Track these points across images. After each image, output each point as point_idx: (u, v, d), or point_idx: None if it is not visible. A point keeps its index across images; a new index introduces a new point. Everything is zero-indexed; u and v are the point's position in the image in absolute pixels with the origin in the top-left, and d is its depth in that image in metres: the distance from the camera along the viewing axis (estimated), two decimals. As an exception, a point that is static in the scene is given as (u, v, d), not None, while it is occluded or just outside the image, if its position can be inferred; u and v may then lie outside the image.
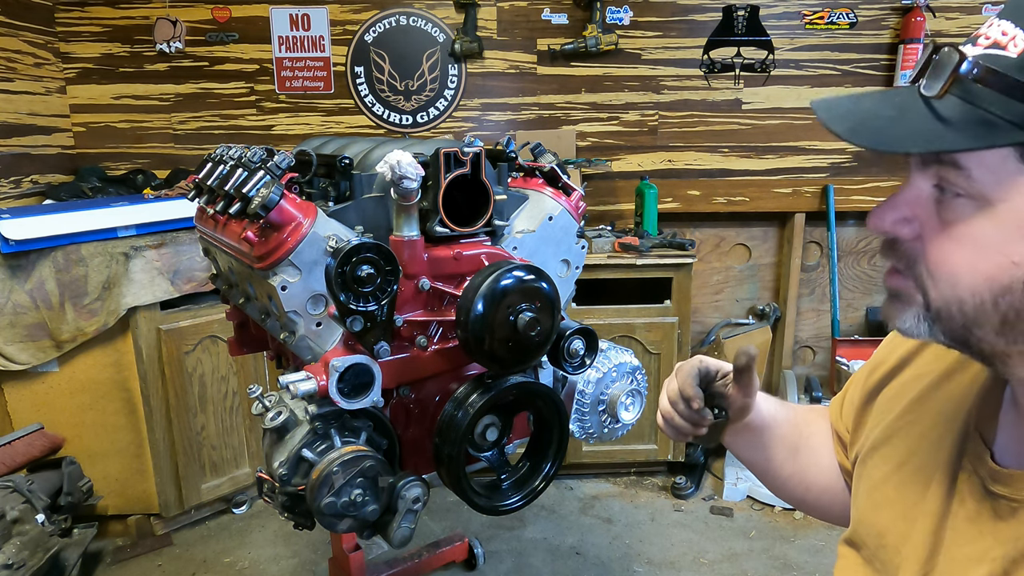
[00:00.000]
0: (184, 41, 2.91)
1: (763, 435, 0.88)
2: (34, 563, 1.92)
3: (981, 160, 0.48)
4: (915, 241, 0.54)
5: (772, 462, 0.90)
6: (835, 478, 0.87)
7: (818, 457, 0.88)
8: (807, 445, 0.89)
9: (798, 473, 0.89)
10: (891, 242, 0.56)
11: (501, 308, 1.13)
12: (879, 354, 0.80)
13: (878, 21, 2.91)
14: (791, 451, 0.89)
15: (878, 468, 0.71)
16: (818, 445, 0.89)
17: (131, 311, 2.24)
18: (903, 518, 0.66)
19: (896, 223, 0.55)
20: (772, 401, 0.90)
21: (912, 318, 0.55)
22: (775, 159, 3.04)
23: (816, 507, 0.90)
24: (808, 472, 0.88)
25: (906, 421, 0.70)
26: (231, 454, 2.57)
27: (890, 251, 0.57)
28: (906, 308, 0.56)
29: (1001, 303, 0.50)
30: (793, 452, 0.89)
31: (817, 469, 0.88)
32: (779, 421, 0.89)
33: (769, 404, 0.89)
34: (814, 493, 0.89)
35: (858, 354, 2.93)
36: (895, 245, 0.56)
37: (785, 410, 0.92)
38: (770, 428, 0.88)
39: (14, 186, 2.62)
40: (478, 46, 2.89)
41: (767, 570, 2.30)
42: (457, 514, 2.60)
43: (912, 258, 0.54)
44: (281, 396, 1.19)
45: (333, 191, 1.26)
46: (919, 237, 0.54)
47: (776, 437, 0.89)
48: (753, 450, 0.90)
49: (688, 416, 0.85)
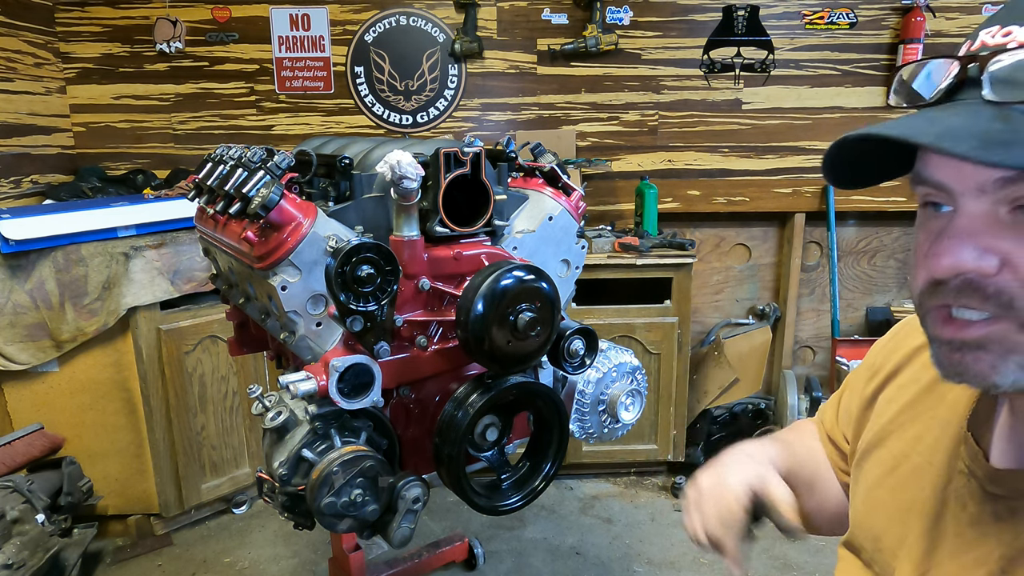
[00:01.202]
0: (184, 41, 2.91)
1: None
2: (34, 563, 1.92)
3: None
4: (1003, 275, 0.48)
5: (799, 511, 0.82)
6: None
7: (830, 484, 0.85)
8: (818, 476, 0.86)
9: (818, 507, 0.85)
10: (966, 283, 0.49)
11: (501, 308, 1.13)
12: (875, 360, 0.78)
13: (878, 21, 2.91)
14: (808, 489, 0.84)
15: (873, 470, 0.71)
16: (826, 472, 0.86)
17: (131, 311, 2.24)
18: (898, 521, 0.66)
19: (979, 257, 0.48)
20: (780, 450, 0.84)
21: (1014, 365, 0.48)
22: (775, 159, 3.04)
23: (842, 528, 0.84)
24: (828, 502, 0.85)
25: (900, 423, 0.70)
26: (231, 454, 2.57)
27: (966, 294, 0.49)
28: (1006, 356, 0.49)
29: None
30: (809, 489, 0.84)
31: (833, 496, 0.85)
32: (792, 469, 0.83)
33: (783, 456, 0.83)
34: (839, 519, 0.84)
35: (858, 354, 2.93)
36: (973, 285, 0.48)
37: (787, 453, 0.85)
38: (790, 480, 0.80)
39: (14, 186, 2.62)
40: (478, 46, 2.89)
41: (767, 570, 2.30)
42: (457, 514, 2.60)
43: (1007, 294, 0.47)
44: (281, 396, 1.19)
45: (333, 191, 1.26)
46: (1004, 269, 0.48)
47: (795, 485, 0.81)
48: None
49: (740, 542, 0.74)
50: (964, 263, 0.48)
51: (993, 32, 0.49)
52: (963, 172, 0.49)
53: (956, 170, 0.49)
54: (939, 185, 0.51)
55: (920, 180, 0.53)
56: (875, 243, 3.14)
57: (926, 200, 0.54)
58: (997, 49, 0.48)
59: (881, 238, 3.14)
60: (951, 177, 0.50)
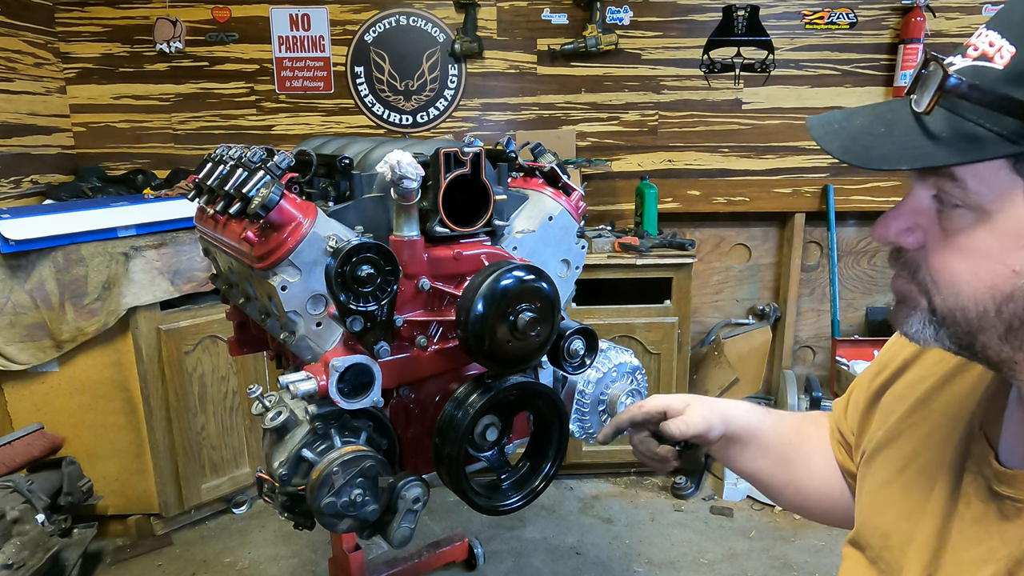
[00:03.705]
0: (184, 41, 2.91)
1: (748, 447, 0.90)
2: (34, 563, 1.92)
3: (975, 172, 0.49)
4: (919, 250, 0.55)
5: (762, 472, 0.91)
6: (832, 484, 0.87)
7: (810, 465, 0.89)
8: (799, 454, 0.90)
9: (793, 482, 0.90)
10: (896, 251, 0.57)
11: (501, 308, 1.13)
12: (883, 356, 0.80)
13: (878, 21, 2.91)
14: (782, 461, 0.90)
15: (882, 469, 0.71)
16: (810, 453, 0.90)
17: (131, 311, 2.24)
18: (907, 519, 0.66)
19: (900, 233, 0.56)
20: (757, 411, 0.92)
21: (918, 322, 0.56)
22: (775, 159, 3.04)
23: (816, 513, 0.91)
24: (802, 480, 0.89)
25: (910, 423, 0.70)
26: (231, 454, 2.57)
27: (895, 259, 0.58)
28: (912, 312, 0.56)
29: (1004, 311, 0.50)
30: (784, 461, 0.90)
31: (810, 476, 0.89)
32: (764, 431, 0.90)
33: (753, 415, 0.91)
34: (812, 500, 0.89)
35: (858, 354, 2.93)
36: (900, 254, 0.57)
37: (773, 419, 0.93)
38: (755, 439, 0.90)
39: (14, 186, 2.62)
40: (478, 46, 2.89)
41: (767, 570, 2.30)
42: (457, 514, 2.60)
43: (916, 266, 0.56)
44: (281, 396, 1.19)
45: (333, 191, 1.26)
46: (922, 246, 0.55)
47: (763, 447, 0.90)
48: (742, 462, 0.91)
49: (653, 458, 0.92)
50: (886, 235, 0.56)
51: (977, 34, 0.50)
52: None
53: None
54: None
55: None
56: (875, 243, 3.14)
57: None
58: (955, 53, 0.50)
59: (881, 238, 3.14)
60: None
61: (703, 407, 0.89)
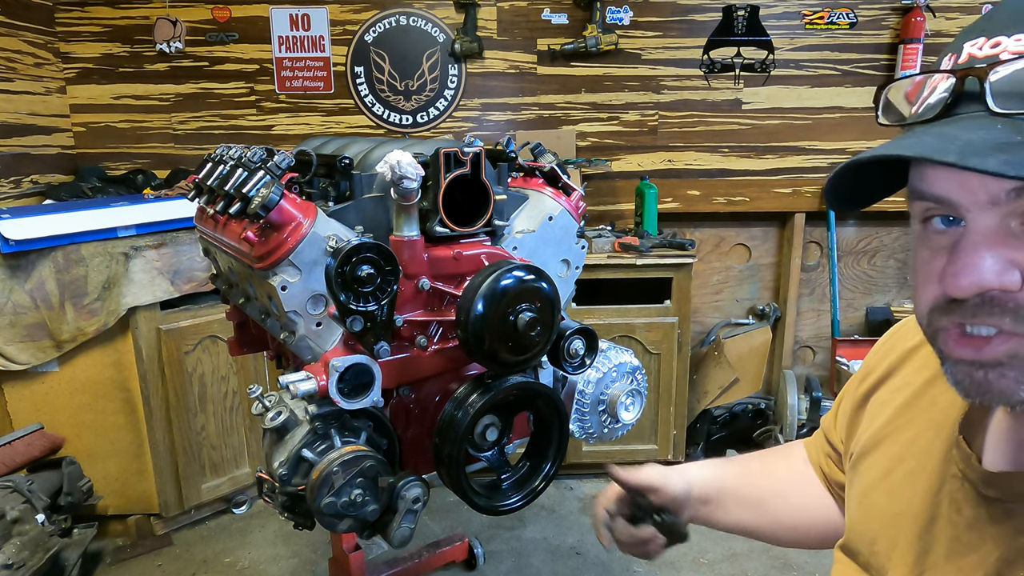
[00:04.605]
0: (184, 41, 2.91)
1: (721, 504, 0.89)
2: (34, 563, 1.92)
3: None
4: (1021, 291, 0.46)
5: (743, 522, 0.90)
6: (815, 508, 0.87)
7: (786, 499, 0.89)
8: (770, 493, 0.89)
9: (775, 522, 0.89)
10: (987, 300, 0.47)
11: (501, 308, 1.13)
12: (869, 362, 0.79)
13: (878, 21, 2.91)
14: (756, 505, 0.89)
15: (868, 474, 0.71)
16: (781, 487, 0.89)
17: (131, 311, 2.24)
18: (892, 524, 0.66)
19: (1001, 273, 0.46)
20: (718, 465, 0.91)
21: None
22: (775, 159, 3.04)
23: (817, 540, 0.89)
24: (784, 517, 0.88)
25: (895, 427, 0.70)
26: (231, 454, 2.57)
27: (985, 311, 0.48)
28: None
29: None
30: (758, 505, 0.89)
31: (789, 510, 0.88)
32: (728, 483, 0.89)
33: (715, 470, 0.90)
34: (803, 530, 0.89)
35: (858, 354, 2.93)
36: (995, 302, 0.47)
37: (735, 468, 0.92)
38: (723, 492, 0.89)
39: (14, 186, 2.62)
40: (478, 46, 2.89)
41: (767, 570, 2.30)
42: (457, 514, 2.60)
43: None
44: (281, 396, 1.19)
45: (333, 191, 1.26)
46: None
47: (733, 499, 0.89)
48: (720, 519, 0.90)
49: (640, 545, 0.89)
50: (988, 280, 0.46)
51: (979, 44, 0.48)
52: (969, 185, 0.47)
53: (960, 184, 0.47)
54: (941, 200, 0.49)
55: (919, 195, 0.51)
56: (875, 243, 3.15)
57: (926, 215, 0.52)
58: (992, 60, 0.47)
59: (881, 238, 3.14)
60: (955, 191, 0.48)
61: (659, 468, 0.88)
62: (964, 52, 0.49)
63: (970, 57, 0.49)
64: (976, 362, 0.49)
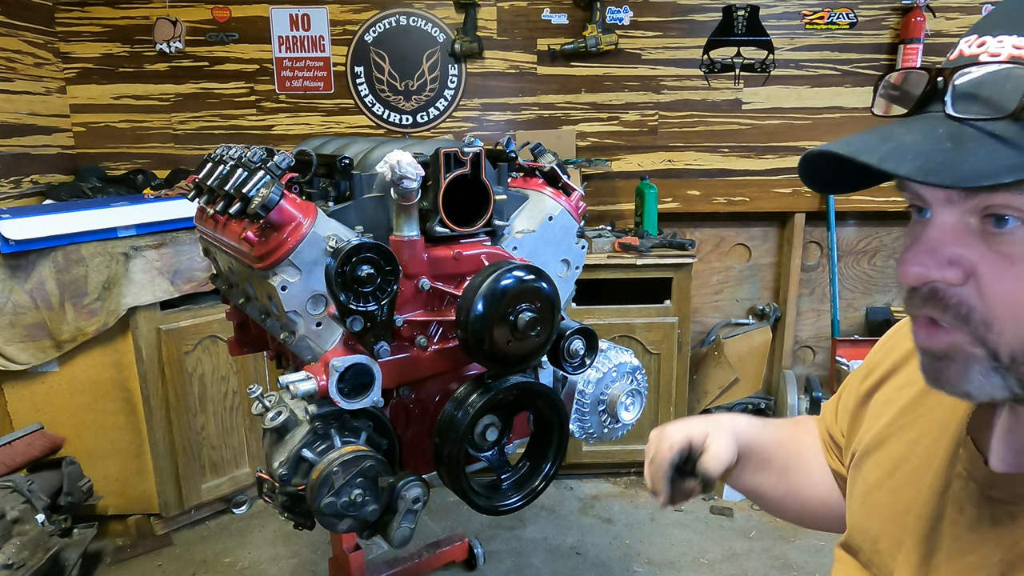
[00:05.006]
0: (184, 41, 2.91)
1: (749, 462, 0.88)
2: (34, 563, 1.92)
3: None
4: (964, 287, 0.48)
5: (763, 486, 0.89)
6: (828, 491, 0.87)
7: (810, 473, 0.88)
8: (797, 463, 0.89)
9: (791, 493, 0.88)
10: (932, 292, 0.49)
11: (501, 308, 1.13)
12: (872, 359, 0.79)
13: (878, 21, 2.91)
14: (781, 471, 0.88)
15: (871, 473, 0.71)
16: (808, 461, 0.89)
17: (131, 311, 2.24)
18: (896, 523, 0.65)
19: (943, 268, 0.48)
20: (755, 424, 0.89)
21: (979, 375, 0.49)
22: (775, 159, 3.04)
23: (814, 521, 0.89)
24: (801, 490, 0.88)
25: (899, 426, 0.70)
26: (231, 454, 2.57)
27: (931, 303, 0.50)
28: (968, 366, 0.49)
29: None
30: (783, 472, 0.88)
31: (810, 485, 0.88)
32: (763, 444, 0.88)
33: (752, 429, 0.88)
34: (810, 509, 0.88)
35: (858, 354, 2.93)
36: (938, 295, 0.49)
37: (770, 430, 0.90)
38: (756, 453, 0.87)
39: (14, 186, 2.62)
40: (478, 46, 2.89)
41: (767, 570, 2.30)
42: (457, 514, 2.60)
43: (966, 306, 0.48)
44: (281, 396, 1.19)
45: (333, 191, 1.26)
46: (967, 281, 0.48)
47: (763, 460, 0.88)
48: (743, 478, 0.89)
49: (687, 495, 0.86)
50: (929, 273, 0.49)
51: (970, 42, 0.48)
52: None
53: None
54: (915, 193, 0.52)
55: (902, 186, 0.54)
56: (875, 243, 3.15)
57: (911, 204, 0.55)
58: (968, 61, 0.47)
59: (881, 238, 3.14)
60: (921, 187, 0.50)
61: (722, 435, 0.83)
62: (957, 49, 0.50)
63: (960, 55, 0.49)
64: (928, 351, 0.52)
